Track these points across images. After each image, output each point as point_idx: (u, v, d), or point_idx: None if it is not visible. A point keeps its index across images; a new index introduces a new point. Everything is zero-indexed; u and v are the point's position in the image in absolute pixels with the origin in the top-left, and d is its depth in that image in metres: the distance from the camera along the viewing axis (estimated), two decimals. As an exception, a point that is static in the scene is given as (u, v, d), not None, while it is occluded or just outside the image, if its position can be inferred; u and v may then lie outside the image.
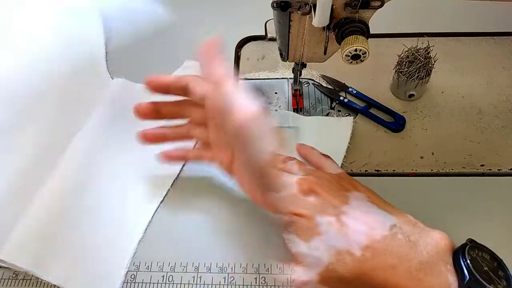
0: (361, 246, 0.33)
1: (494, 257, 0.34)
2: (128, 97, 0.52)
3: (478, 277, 0.31)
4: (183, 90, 0.41)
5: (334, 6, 0.35)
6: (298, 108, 0.53)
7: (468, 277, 0.31)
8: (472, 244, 0.33)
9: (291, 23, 0.39)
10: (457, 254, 0.33)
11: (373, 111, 0.52)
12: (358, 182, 0.40)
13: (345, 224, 0.35)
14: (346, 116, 0.52)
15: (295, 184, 0.37)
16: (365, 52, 0.36)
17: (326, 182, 0.38)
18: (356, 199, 0.37)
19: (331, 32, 0.37)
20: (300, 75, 0.51)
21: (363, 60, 0.37)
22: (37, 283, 0.42)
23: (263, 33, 0.59)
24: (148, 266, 0.43)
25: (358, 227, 0.34)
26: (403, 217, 0.36)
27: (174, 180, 0.48)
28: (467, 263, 0.32)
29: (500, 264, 0.33)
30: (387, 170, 0.48)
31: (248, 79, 0.57)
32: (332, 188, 0.37)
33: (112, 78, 0.56)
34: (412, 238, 0.34)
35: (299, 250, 0.35)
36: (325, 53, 0.39)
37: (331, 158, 0.43)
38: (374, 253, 0.33)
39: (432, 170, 0.48)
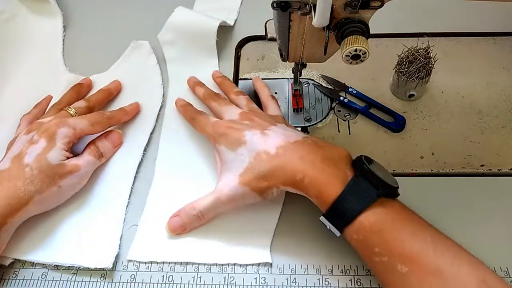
0: (276, 146, 0.41)
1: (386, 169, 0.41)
2: None
3: (373, 167, 0.39)
4: None
5: (334, 6, 0.35)
6: (298, 108, 0.53)
7: (363, 166, 0.39)
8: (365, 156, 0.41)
9: (291, 23, 0.39)
10: (357, 158, 0.41)
11: (373, 111, 0.52)
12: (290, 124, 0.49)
13: (266, 134, 0.42)
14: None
15: (237, 114, 0.46)
16: (365, 52, 0.36)
17: (261, 115, 0.46)
18: (281, 125, 0.45)
19: (331, 32, 0.37)
20: (300, 75, 0.51)
21: (363, 60, 0.37)
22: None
23: (263, 33, 0.59)
24: (148, 266, 0.43)
25: (277, 136, 0.42)
26: (316, 138, 0.44)
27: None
28: (364, 162, 0.39)
29: (392, 175, 0.40)
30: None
31: (248, 79, 0.57)
32: (265, 119, 0.45)
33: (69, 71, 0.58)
34: (320, 143, 0.42)
35: (228, 158, 0.43)
36: (325, 53, 0.39)
37: (276, 101, 0.51)
38: (286, 150, 0.41)
39: (432, 170, 0.48)
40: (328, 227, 0.39)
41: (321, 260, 0.43)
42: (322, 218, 0.39)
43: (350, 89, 0.54)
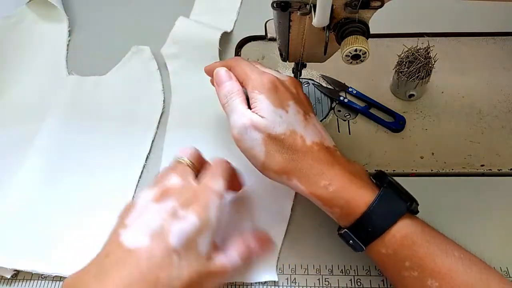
0: (312, 141, 0.39)
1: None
2: (82, 92, 0.55)
3: (396, 183, 0.38)
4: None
5: (334, 6, 0.35)
6: (298, 108, 0.53)
7: (389, 179, 0.38)
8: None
9: (291, 23, 0.39)
10: (377, 173, 0.40)
11: (373, 111, 0.52)
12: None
13: (308, 120, 0.40)
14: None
15: (286, 76, 0.43)
16: (365, 52, 0.36)
17: (304, 96, 0.43)
18: (316, 118, 0.42)
19: (331, 32, 0.37)
20: (300, 75, 0.51)
21: (363, 60, 0.37)
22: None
23: (263, 33, 0.59)
24: (148, 266, 0.43)
25: (315, 128, 0.40)
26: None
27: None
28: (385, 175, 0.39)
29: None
30: (387, 170, 0.48)
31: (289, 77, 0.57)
32: (307, 102, 0.43)
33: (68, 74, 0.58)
34: (344, 157, 0.40)
35: (265, 108, 0.38)
36: (325, 53, 0.39)
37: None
38: (319, 150, 0.39)
39: (432, 170, 0.48)
40: (350, 241, 0.37)
41: (321, 260, 0.43)
42: (345, 232, 0.37)
43: (350, 89, 0.54)
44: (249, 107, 0.39)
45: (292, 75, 0.51)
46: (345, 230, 0.37)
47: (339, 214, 0.37)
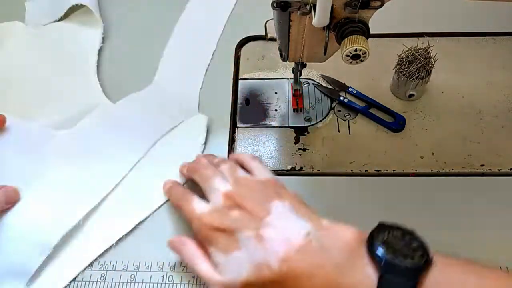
0: (278, 259, 0.34)
1: (404, 231, 0.33)
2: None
3: (393, 256, 0.31)
4: None
5: (334, 6, 0.35)
6: (298, 108, 0.53)
7: (383, 260, 0.31)
8: (379, 226, 0.34)
9: (291, 23, 0.39)
10: (369, 242, 0.33)
11: (373, 111, 0.52)
12: (283, 187, 0.41)
13: (263, 239, 0.36)
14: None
15: (221, 197, 0.40)
16: (365, 52, 0.36)
17: (250, 193, 0.39)
18: (276, 209, 0.38)
19: (331, 32, 0.37)
20: (300, 75, 0.51)
21: (363, 60, 0.37)
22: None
23: (263, 33, 0.59)
24: (148, 266, 0.43)
25: (275, 239, 0.35)
26: (318, 222, 0.36)
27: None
28: (380, 247, 0.32)
29: (412, 235, 0.33)
30: (387, 170, 0.48)
31: (248, 79, 0.57)
32: (255, 200, 0.39)
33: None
34: (326, 243, 0.34)
35: (219, 261, 0.37)
36: (325, 53, 0.39)
37: (260, 161, 0.45)
38: (290, 266, 0.34)
39: (432, 170, 0.48)
40: None
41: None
42: None
43: (350, 89, 0.54)
44: None
45: (292, 75, 0.51)
46: None
47: None
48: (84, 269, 0.43)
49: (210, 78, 0.57)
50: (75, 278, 0.43)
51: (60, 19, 0.63)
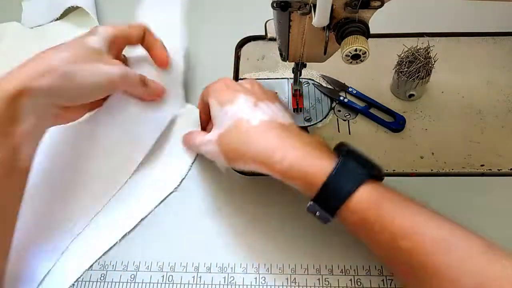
0: (261, 120, 0.40)
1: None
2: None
3: (355, 151, 0.38)
4: None
5: (334, 6, 0.35)
6: (298, 108, 0.53)
7: (347, 149, 0.38)
8: (341, 143, 0.40)
9: (291, 23, 0.39)
10: (338, 144, 0.40)
11: (373, 111, 0.52)
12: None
13: (258, 106, 0.42)
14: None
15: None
16: (365, 52, 0.36)
17: (264, 90, 0.46)
18: (279, 105, 0.44)
19: (331, 32, 0.37)
20: (300, 75, 0.51)
21: (363, 60, 0.37)
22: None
23: (263, 33, 0.59)
24: (148, 266, 0.43)
25: (266, 111, 0.41)
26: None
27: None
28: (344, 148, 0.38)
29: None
30: (387, 170, 0.48)
31: (248, 79, 0.57)
32: (266, 94, 0.45)
33: None
34: (302, 132, 0.41)
35: (214, 113, 0.43)
36: (325, 53, 0.39)
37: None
38: (268, 127, 0.40)
39: (432, 170, 0.48)
40: (317, 213, 0.37)
41: (321, 260, 0.43)
42: (310, 205, 0.37)
43: (350, 89, 0.54)
44: None
45: (292, 75, 0.51)
46: (310, 202, 0.37)
47: (302, 186, 0.37)
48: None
49: (210, 78, 0.57)
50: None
51: (57, 20, 0.63)
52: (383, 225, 0.35)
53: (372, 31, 0.37)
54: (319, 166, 0.36)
